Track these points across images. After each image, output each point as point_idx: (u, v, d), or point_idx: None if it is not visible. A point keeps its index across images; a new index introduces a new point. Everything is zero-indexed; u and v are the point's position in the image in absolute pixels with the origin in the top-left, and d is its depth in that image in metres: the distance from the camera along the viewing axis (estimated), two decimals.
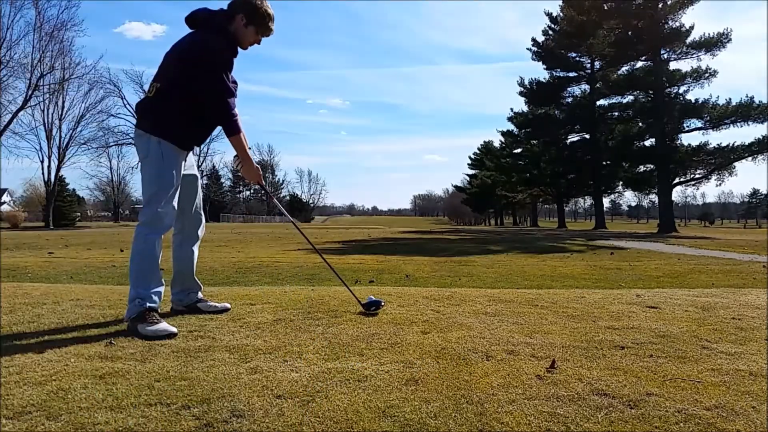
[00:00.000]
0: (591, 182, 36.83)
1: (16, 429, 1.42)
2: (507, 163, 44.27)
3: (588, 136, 35.86)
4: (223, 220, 62.84)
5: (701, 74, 28.26)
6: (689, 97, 29.28)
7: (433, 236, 20.83)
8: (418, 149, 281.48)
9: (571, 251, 12.39)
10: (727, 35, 27.80)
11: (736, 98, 30.53)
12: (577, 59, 35.25)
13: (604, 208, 41.66)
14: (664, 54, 29.40)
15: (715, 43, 27.98)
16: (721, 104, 27.80)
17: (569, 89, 36.73)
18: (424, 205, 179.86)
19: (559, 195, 42.91)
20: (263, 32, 2.73)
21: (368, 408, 1.57)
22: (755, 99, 26.71)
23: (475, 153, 76.54)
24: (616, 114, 34.13)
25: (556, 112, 36.93)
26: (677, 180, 30.58)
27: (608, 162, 34.62)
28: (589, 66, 35.12)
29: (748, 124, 27.36)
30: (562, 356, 2.11)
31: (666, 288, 5.08)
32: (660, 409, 1.58)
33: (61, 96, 35.89)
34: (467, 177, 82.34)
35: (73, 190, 52.10)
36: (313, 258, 9.08)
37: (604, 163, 34.96)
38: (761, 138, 26.73)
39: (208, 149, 51.77)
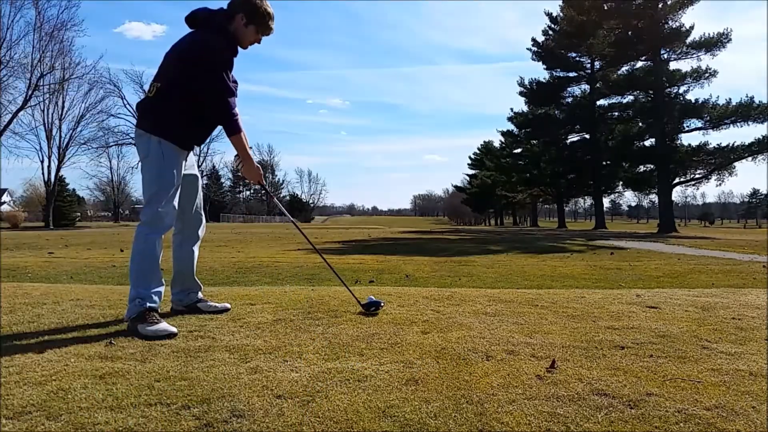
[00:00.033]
0: (591, 182, 36.83)
1: (16, 429, 1.42)
2: (507, 163, 44.27)
3: (588, 136, 35.87)
4: (223, 220, 62.84)
5: (701, 74, 28.28)
6: (689, 97, 29.37)
7: (433, 236, 20.83)
8: (418, 149, 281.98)
9: (571, 251, 12.39)
10: (727, 35, 27.84)
11: (736, 98, 30.61)
12: (577, 59, 35.26)
13: (604, 208, 41.67)
14: (664, 54, 29.42)
15: (715, 43, 28.00)
16: (721, 104, 27.84)
17: (569, 89, 36.78)
18: (424, 205, 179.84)
19: (559, 195, 42.91)
20: (263, 31, 2.73)
21: (368, 408, 1.57)
22: (755, 99, 26.78)
23: (475, 153, 76.64)
24: (616, 114, 34.15)
25: (556, 112, 36.95)
26: (677, 180, 30.59)
27: (608, 162, 34.63)
28: (589, 66, 35.13)
29: (748, 124, 27.41)
30: (562, 356, 2.11)
31: (666, 288, 5.08)
32: (660, 409, 1.58)
33: (61, 96, 35.98)
34: (467, 177, 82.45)
35: (73, 190, 52.18)
36: (313, 258, 9.08)
37: (604, 163, 34.97)
38: (761, 138, 26.75)
39: (208, 149, 51.85)
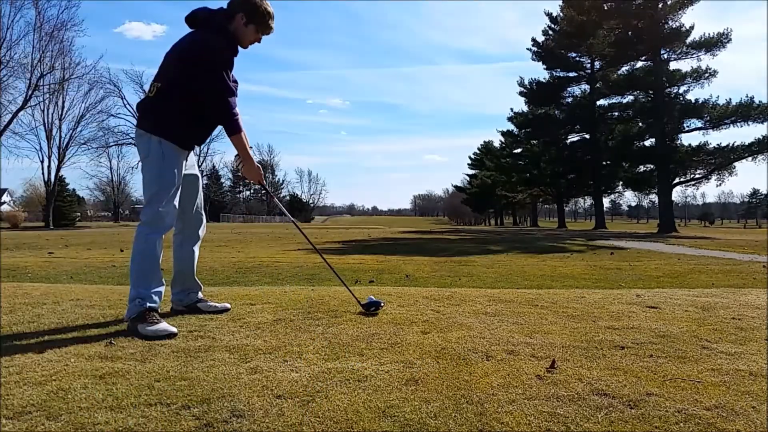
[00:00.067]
0: (591, 182, 36.83)
1: (16, 429, 1.42)
2: (507, 163, 44.28)
3: (588, 136, 35.87)
4: (223, 220, 62.85)
5: (701, 74, 28.29)
6: (689, 97, 29.38)
7: (433, 236, 20.83)
8: (418, 149, 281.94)
9: (571, 251, 12.39)
10: (727, 35, 27.85)
11: (736, 98, 30.60)
12: (577, 59, 35.27)
13: (604, 208, 41.67)
14: (664, 54, 29.42)
15: (715, 43, 28.00)
16: (721, 104, 27.84)
17: (569, 89, 36.78)
18: (424, 205, 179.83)
19: (559, 195, 42.92)
20: (263, 30, 2.73)
21: (368, 408, 1.57)
22: (755, 99, 26.79)
23: (475, 153, 76.63)
24: (616, 114, 34.15)
25: (556, 112, 36.95)
26: (677, 180, 30.60)
27: (608, 162, 34.63)
28: (589, 66, 35.13)
29: (748, 124, 27.41)
30: (562, 356, 2.11)
31: (666, 288, 5.08)
32: (660, 409, 1.58)
33: (61, 96, 35.97)
34: (467, 177, 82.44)
35: (73, 190, 52.18)
36: (313, 258, 9.08)
37: (604, 163, 34.97)
38: (761, 138, 26.76)
39: (208, 149, 51.77)
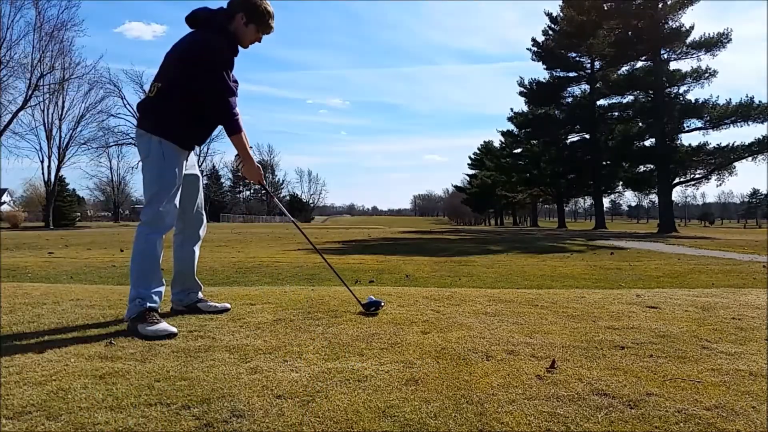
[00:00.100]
0: (591, 182, 36.83)
1: (16, 429, 1.42)
2: (507, 163, 44.28)
3: (588, 136, 35.87)
4: (223, 220, 62.84)
5: (701, 74, 28.29)
6: (689, 97, 29.38)
7: (433, 236, 20.83)
8: (418, 149, 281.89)
9: (571, 251, 12.39)
10: (727, 35, 27.85)
11: (736, 98, 30.60)
12: (577, 59, 35.26)
13: (604, 208, 41.67)
14: (664, 54, 29.42)
15: (715, 43, 28.00)
16: (721, 104, 27.84)
17: (569, 89, 36.79)
18: (424, 205, 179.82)
19: (559, 195, 42.92)
20: (263, 30, 2.73)
21: (368, 408, 1.57)
22: (755, 99, 26.80)
23: (475, 153, 76.65)
24: (616, 114, 34.15)
25: (556, 112, 36.95)
26: (677, 180, 30.60)
27: (608, 162, 34.63)
28: (589, 66, 35.13)
29: (748, 124, 27.41)
30: (562, 356, 2.11)
31: (666, 288, 5.08)
32: (660, 409, 1.58)
33: (61, 96, 35.97)
34: (467, 177, 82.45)
35: (73, 190, 52.20)
36: (313, 258, 9.08)
37: (604, 163, 34.97)
38: (761, 138, 26.76)
39: (208, 149, 51.77)
